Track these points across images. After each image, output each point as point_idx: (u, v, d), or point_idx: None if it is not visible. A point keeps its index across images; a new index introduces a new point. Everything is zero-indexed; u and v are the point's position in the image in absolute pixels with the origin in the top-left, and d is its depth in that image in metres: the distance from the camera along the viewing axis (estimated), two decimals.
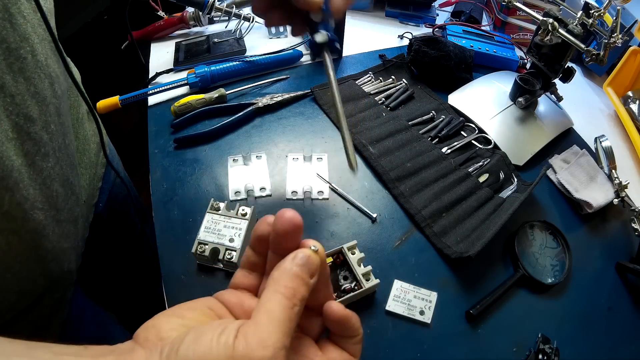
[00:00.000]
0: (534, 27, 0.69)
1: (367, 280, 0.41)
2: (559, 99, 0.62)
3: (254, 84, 0.63)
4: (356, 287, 0.40)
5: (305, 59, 0.70)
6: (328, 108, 0.61)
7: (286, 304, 0.20)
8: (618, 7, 0.47)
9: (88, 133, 0.49)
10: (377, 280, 0.41)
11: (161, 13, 0.72)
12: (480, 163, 0.55)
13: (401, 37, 0.77)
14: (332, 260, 0.42)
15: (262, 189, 0.51)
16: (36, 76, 0.33)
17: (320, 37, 0.36)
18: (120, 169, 0.62)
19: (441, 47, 0.64)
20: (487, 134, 0.59)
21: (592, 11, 0.50)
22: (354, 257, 0.42)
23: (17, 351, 0.20)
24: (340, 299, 0.39)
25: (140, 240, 0.69)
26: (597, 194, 0.53)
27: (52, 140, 0.35)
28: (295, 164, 0.54)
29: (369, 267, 0.41)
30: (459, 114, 0.62)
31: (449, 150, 0.57)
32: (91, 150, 0.49)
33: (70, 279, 0.42)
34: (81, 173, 0.44)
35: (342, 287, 0.40)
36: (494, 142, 0.58)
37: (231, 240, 0.42)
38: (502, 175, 0.55)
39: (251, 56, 0.66)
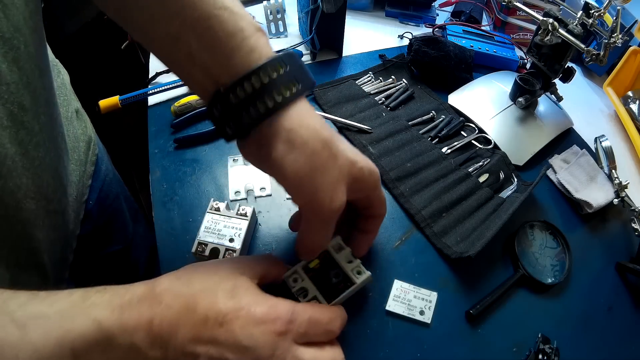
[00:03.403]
0: (534, 27, 0.69)
1: (359, 274, 0.39)
2: (559, 99, 0.62)
3: None
4: (349, 284, 0.38)
5: (306, 58, 0.70)
6: (328, 108, 0.61)
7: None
8: (618, 7, 0.47)
9: (77, 131, 0.49)
10: (369, 273, 0.39)
11: None
12: (480, 163, 0.55)
13: (401, 37, 0.77)
14: (318, 262, 0.39)
15: (262, 189, 0.51)
16: (28, 67, 0.33)
17: None
18: (110, 168, 0.62)
19: (441, 47, 0.64)
20: (487, 134, 0.59)
21: (592, 11, 0.50)
22: (341, 254, 0.39)
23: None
24: (336, 299, 0.37)
25: (132, 239, 0.69)
26: (597, 194, 0.53)
27: (42, 130, 0.36)
28: None
29: (358, 261, 0.39)
30: (459, 114, 0.62)
31: (449, 150, 0.57)
32: (80, 148, 0.50)
33: (59, 275, 0.42)
34: (71, 169, 0.44)
35: (335, 286, 0.38)
36: (494, 142, 0.58)
37: (231, 240, 0.42)
38: (502, 175, 0.55)
39: None
